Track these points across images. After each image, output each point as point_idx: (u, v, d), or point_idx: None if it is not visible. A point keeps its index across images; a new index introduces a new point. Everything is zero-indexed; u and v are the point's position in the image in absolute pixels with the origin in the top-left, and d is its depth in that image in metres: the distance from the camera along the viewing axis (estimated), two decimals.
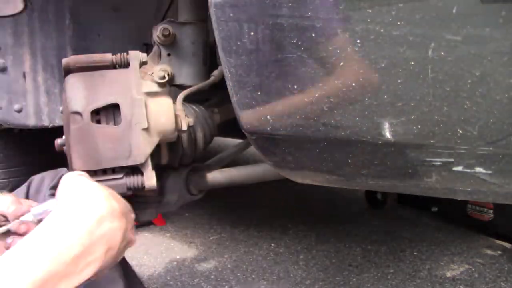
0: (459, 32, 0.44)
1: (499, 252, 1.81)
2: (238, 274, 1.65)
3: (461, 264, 1.70)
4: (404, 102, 0.50)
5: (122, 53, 0.80)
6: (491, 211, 1.87)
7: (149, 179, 0.77)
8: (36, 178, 0.91)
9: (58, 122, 1.21)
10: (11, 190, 1.70)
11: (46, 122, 1.21)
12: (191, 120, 0.87)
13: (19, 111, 1.19)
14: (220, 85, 0.84)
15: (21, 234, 0.62)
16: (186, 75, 1.02)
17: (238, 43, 0.59)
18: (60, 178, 0.60)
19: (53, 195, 0.75)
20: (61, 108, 1.22)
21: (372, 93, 0.52)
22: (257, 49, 0.58)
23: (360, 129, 0.55)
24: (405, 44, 0.47)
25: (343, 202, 2.48)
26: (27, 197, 0.91)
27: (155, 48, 1.02)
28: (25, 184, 0.93)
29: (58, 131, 1.04)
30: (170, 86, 0.88)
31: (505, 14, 0.42)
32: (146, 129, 0.75)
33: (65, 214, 0.51)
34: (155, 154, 0.82)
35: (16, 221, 0.62)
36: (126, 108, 0.73)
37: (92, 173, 0.72)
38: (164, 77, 0.85)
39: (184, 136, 0.96)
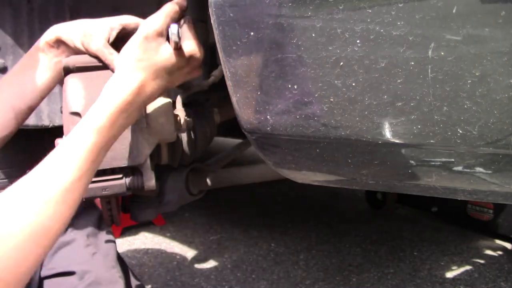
0: (459, 32, 0.44)
1: (499, 252, 1.81)
2: (238, 274, 1.65)
3: (461, 264, 1.70)
4: (404, 102, 0.50)
5: None
6: (491, 211, 1.87)
7: (149, 179, 0.77)
8: None
9: (58, 122, 1.20)
10: None
11: (46, 122, 1.20)
12: (190, 120, 0.87)
13: None
14: (220, 85, 0.84)
15: None
16: None
17: (238, 43, 0.59)
18: None
19: None
20: (61, 108, 1.22)
21: (372, 93, 0.52)
22: (257, 49, 0.58)
23: (360, 129, 0.55)
24: (405, 44, 0.47)
25: (343, 202, 2.48)
26: None
27: None
28: None
29: (58, 131, 1.04)
30: None
31: (505, 14, 0.42)
32: (145, 130, 0.75)
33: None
34: (154, 154, 0.82)
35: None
36: None
37: None
38: None
39: (184, 136, 0.96)
